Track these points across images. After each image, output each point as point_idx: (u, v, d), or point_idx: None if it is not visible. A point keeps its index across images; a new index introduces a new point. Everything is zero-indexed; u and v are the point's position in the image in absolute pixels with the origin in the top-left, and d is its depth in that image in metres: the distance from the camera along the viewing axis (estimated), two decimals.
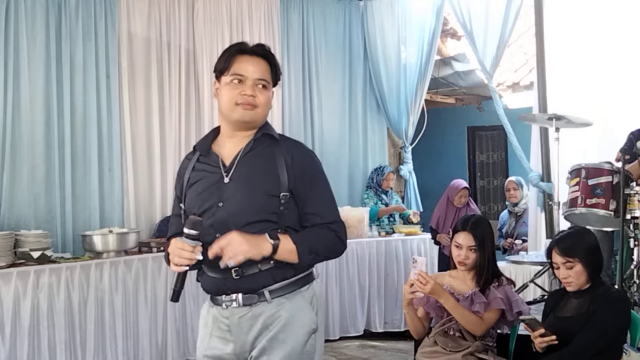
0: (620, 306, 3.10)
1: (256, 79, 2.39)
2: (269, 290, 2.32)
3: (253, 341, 2.35)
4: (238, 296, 2.34)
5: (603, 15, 6.07)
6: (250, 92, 2.37)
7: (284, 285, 2.34)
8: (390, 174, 7.26)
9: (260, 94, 2.39)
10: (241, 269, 2.30)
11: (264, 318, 2.33)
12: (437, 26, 7.46)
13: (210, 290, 2.43)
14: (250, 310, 2.34)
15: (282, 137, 2.48)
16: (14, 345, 4.51)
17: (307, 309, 2.37)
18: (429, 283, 3.20)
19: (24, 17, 5.43)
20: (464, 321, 3.26)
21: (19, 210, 5.35)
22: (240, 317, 2.35)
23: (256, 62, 2.40)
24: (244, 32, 6.78)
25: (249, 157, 2.39)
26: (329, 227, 2.37)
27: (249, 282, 2.32)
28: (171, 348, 5.33)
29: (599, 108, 5.93)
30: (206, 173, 2.42)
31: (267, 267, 2.31)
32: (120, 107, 5.94)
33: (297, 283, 2.36)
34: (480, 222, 3.51)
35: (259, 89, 2.39)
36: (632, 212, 4.28)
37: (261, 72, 2.40)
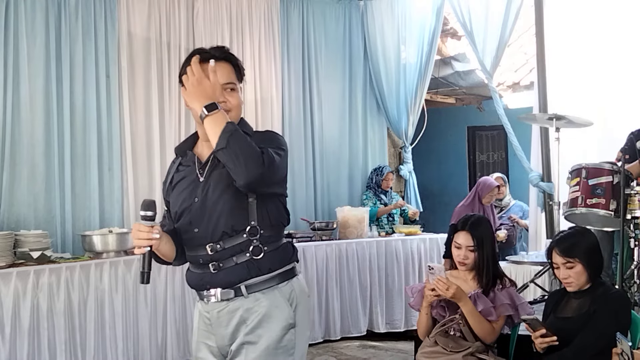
0: (620, 306, 3.09)
1: (223, 83, 2.42)
2: (245, 285, 2.38)
3: (231, 335, 2.42)
4: (217, 291, 2.42)
5: (603, 15, 6.07)
6: (221, 99, 2.39)
7: (261, 281, 2.39)
8: (389, 174, 7.24)
9: (230, 97, 2.44)
10: (217, 262, 2.39)
11: (241, 313, 2.39)
12: (437, 26, 7.46)
13: (194, 286, 2.51)
14: (227, 305, 2.41)
15: (256, 133, 2.50)
16: (13, 345, 4.50)
17: (283, 304, 2.40)
18: (451, 287, 3.22)
19: (23, 17, 5.42)
20: (478, 328, 3.26)
21: (18, 210, 5.35)
22: (219, 311, 2.43)
23: (221, 67, 2.43)
24: (244, 32, 6.77)
25: None
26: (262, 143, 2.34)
27: (226, 276, 2.39)
28: (171, 348, 5.33)
29: (599, 108, 5.93)
30: (186, 173, 2.51)
31: (243, 259, 2.38)
32: (120, 107, 5.93)
33: (274, 279, 2.41)
34: (480, 222, 3.50)
35: (229, 92, 2.44)
36: (633, 212, 4.28)
37: (227, 76, 2.44)
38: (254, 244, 2.38)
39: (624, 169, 4.32)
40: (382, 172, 7.25)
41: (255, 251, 2.38)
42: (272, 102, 6.93)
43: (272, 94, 6.91)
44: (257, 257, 2.38)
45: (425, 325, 3.43)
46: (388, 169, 7.32)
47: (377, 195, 7.20)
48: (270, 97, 6.90)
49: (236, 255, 2.38)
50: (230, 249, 2.38)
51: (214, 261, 2.39)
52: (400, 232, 6.92)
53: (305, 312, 2.49)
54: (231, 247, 2.38)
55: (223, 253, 2.38)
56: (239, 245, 2.38)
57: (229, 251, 2.38)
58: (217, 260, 2.39)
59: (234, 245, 2.38)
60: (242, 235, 2.37)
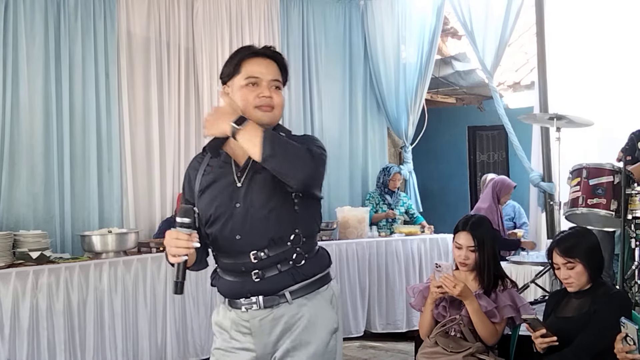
0: (621, 307, 3.08)
1: (270, 80, 2.40)
2: (290, 291, 2.32)
3: (275, 343, 2.35)
4: (259, 298, 2.33)
5: (604, 15, 6.07)
6: (267, 94, 2.36)
7: (304, 286, 2.34)
8: (396, 175, 7.23)
9: (275, 95, 2.39)
10: (261, 271, 2.31)
11: (286, 319, 2.33)
12: (437, 25, 7.45)
13: (229, 294, 2.41)
14: (271, 312, 2.33)
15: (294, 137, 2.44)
16: (13, 345, 4.49)
17: (327, 308, 2.37)
18: (458, 285, 3.21)
19: (22, 17, 5.41)
20: (481, 328, 3.25)
21: (17, 211, 5.34)
22: (262, 319, 2.34)
23: (267, 63, 2.42)
24: (244, 32, 6.77)
25: None
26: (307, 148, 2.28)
27: (270, 284, 2.32)
28: (171, 348, 5.31)
29: (599, 108, 5.92)
30: (219, 176, 2.40)
31: (287, 267, 2.32)
32: (119, 107, 5.92)
33: (316, 283, 2.37)
34: (481, 223, 3.50)
35: (274, 90, 2.40)
36: (633, 212, 4.27)
37: (274, 73, 2.42)
38: (297, 252, 2.32)
39: (625, 169, 4.31)
40: (389, 172, 7.24)
41: (298, 259, 2.32)
42: None
43: None
44: (299, 264, 2.33)
45: (429, 324, 3.43)
46: (396, 169, 7.31)
47: (381, 196, 7.19)
48: None
49: (280, 263, 2.31)
50: (275, 257, 2.31)
51: (257, 269, 2.31)
52: (401, 232, 6.91)
53: (341, 315, 2.47)
54: (276, 255, 2.31)
55: (267, 261, 2.31)
56: (284, 253, 2.31)
57: (274, 259, 2.31)
58: (261, 269, 2.31)
59: (278, 253, 2.31)
60: (287, 244, 2.31)
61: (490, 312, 3.27)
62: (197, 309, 5.47)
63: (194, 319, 5.44)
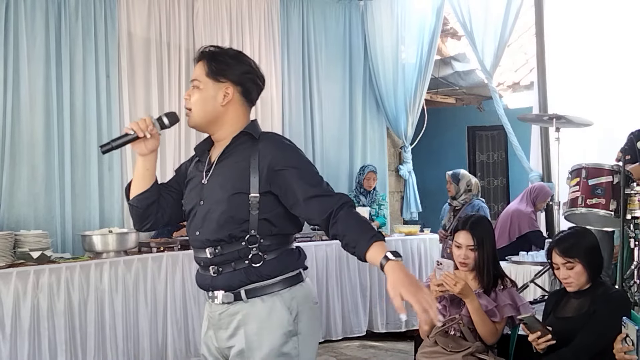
0: (620, 306, 3.09)
1: (191, 81, 2.47)
2: (245, 289, 2.37)
3: (228, 338, 2.41)
4: (219, 293, 2.42)
5: (603, 15, 6.08)
6: (185, 96, 2.46)
7: (261, 287, 2.37)
8: (370, 174, 7.01)
9: (192, 95, 2.43)
10: (217, 266, 2.39)
11: (240, 317, 2.38)
12: (437, 26, 7.46)
13: (199, 285, 2.52)
14: (228, 308, 2.40)
15: (263, 135, 2.46)
16: (14, 345, 4.50)
17: (282, 310, 2.36)
18: (459, 283, 3.22)
19: (23, 17, 5.42)
20: (482, 327, 3.25)
21: (18, 210, 5.35)
22: (220, 313, 2.43)
23: (196, 66, 2.46)
24: (244, 32, 6.77)
25: (226, 157, 2.44)
26: (345, 205, 2.28)
27: (226, 280, 2.39)
28: (171, 348, 5.32)
29: (599, 108, 5.93)
30: (196, 173, 2.51)
31: (242, 266, 2.37)
32: (120, 107, 5.93)
33: (275, 285, 2.38)
34: (481, 222, 3.51)
35: (193, 90, 2.44)
36: (633, 212, 4.27)
37: (195, 74, 2.44)
38: (252, 252, 2.35)
39: (624, 169, 4.32)
40: (363, 171, 7.08)
41: (255, 259, 2.35)
42: (272, 102, 6.93)
43: (272, 93, 6.91)
44: (256, 264, 2.35)
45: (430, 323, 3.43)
46: (370, 168, 7.11)
47: (356, 197, 7.01)
48: (270, 97, 6.90)
49: (235, 262, 2.37)
50: (229, 254, 2.37)
51: (213, 265, 2.40)
52: (400, 232, 6.92)
53: (311, 319, 2.43)
54: (229, 252, 2.37)
55: (221, 258, 2.38)
56: (237, 252, 2.36)
57: (228, 256, 2.37)
58: (217, 264, 2.39)
59: (232, 251, 2.37)
60: (241, 243, 2.36)
61: (490, 311, 3.28)
62: (197, 309, 5.47)
63: (194, 318, 5.44)
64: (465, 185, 6.17)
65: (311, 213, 2.31)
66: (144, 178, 2.51)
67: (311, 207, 2.30)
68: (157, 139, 2.46)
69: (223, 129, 2.44)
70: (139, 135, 2.40)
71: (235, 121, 2.44)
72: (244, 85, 2.44)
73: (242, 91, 2.44)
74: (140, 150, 2.45)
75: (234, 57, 2.46)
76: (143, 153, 2.46)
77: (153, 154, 2.47)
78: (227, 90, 2.41)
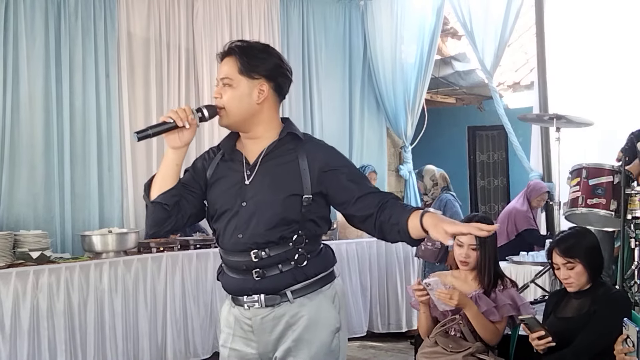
0: (620, 307, 3.09)
1: (220, 78, 2.36)
2: (291, 290, 2.32)
3: (276, 342, 2.35)
4: (260, 297, 2.33)
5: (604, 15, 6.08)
6: (215, 94, 2.36)
7: (306, 285, 2.33)
8: (371, 174, 6.91)
9: (224, 94, 2.33)
10: (262, 270, 2.31)
11: (287, 318, 2.33)
12: (437, 26, 7.45)
13: (232, 291, 2.42)
14: (272, 311, 2.33)
15: (307, 137, 2.44)
16: (14, 346, 4.49)
17: (329, 307, 2.36)
18: (454, 296, 3.20)
19: (23, 17, 5.41)
20: (483, 331, 3.25)
21: (18, 210, 5.34)
22: (263, 317, 2.34)
23: (223, 62, 2.37)
24: (244, 31, 6.76)
25: (271, 158, 2.36)
26: (392, 198, 2.32)
27: (271, 283, 2.31)
28: (171, 348, 5.31)
29: (599, 108, 5.92)
30: (229, 172, 2.39)
31: (288, 267, 2.31)
32: (119, 107, 5.93)
33: (318, 282, 2.36)
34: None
35: (223, 88, 2.34)
36: (633, 212, 4.26)
37: (224, 71, 2.34)
38: (299, 252, 2.31)
39: (625, 168, 4.32)
40: (364, 171, 7.00)
41: (300, 259, 2.32)
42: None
43: None
44: (302, 264, 2.32)
45: (425, 324, 3.43)
46: (371, 168, 7.02)
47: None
48: None
49: (282, 263, 2.31)
50: (277, 256, 2.31)
51: (257, 268, 2.30)
52: None
53: (346, 314, 2.45)
54: (277, 255, 2.30)
55: (268, 261, 2.30)
56: (285, 253, 2.31)
57: (275, 259, 2.30)
58: (262, 268, 2.30)
59: (279, 253, 2.30)
60: (288, 244, 2.31)
61: (490, 311, 3.28)
62: (197, 309, 5.47)
63: (194, 318, 5.44)
64: (430, 180, 6.14)
65: (364, 208, 2.30)
66: (173, 174, 2.34)
67: (367, 202, 2.30)
68: (194, 131, 2.29)
69: (259, 127, 2.36)
70: (178, 124, 2.25)
71: (271, 119, 2.38)
72: (277, 80, 2.37)
73: (275, 86, 2.36)
74: (174, 142, 2.30)
75: (264, 51, 2.39)
76: (176, 145, 2.30)
77: (185, 147, 2.31)
78: (261, 87, 2.33)
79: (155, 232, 2.44)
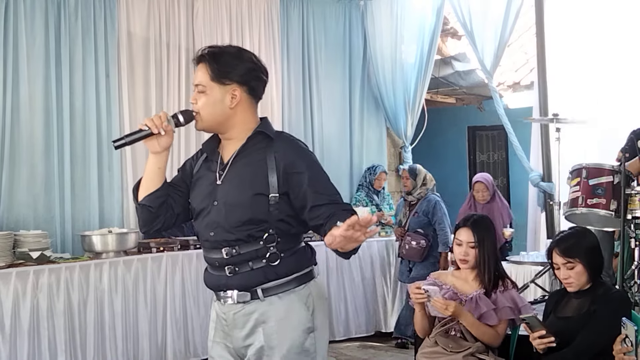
0: (620, 306, 3.08)
1: (194, 85, 2.42)
2: (262, 288, 2.36)
3: (245, 337, 2.39)
4: (233, 293, 2.39)
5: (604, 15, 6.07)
6: (191, 100, 2.42)
7: (278, 285, 2.36)
8: (382, 174, 7.13)
9: (198, 100, 2.40)
10: (234, 266, 2.36)
11: (257, 316, 2.37)
12: (437, 26, 7.45)
13: (210, 286, 2.49)
14: (243, 308, 2.38)
15: (278, 135, 2.46)
16: (14, 345, 4.50)
17: (300, 308, 2.38)
18: (449, 306, 3.23)
19: (23, 17, 5.41)
20: (483, 336, 3.27)
21: (18, 210, 5.34)
22: (235, 313, 2.40)
23: (197, 69, 2.42)
24: (244, 32, 6.77)
25: (240, 158, 2.41)
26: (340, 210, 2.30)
27: (242, 280, 2.37)
28: (171, 348, 5.32)
29: (599, 108, 5.92)
30: (207, 172, 2.46)
31: (259, 265, 2.35)
32: (119, 107, 5.93)
33: (291, 282, 2.38)
34: (482, 220, 3.53)
35: (198, 94, 2.40)
36: (633, 212, 4.26)
37: (197, 78, 2.40)
38: (270, 251, 2.34)
39: (625, 168, 4.31)
40: (375, 171, 7.17)
41: (272, 258, 2.35)
42: (272, 102, 6.92)
43: (272, 93, 6.90)
44: (274, 263, 2.34)
45: (421, 322, 3.44)
46: (381, 168, 7.24)
47: (369, 196, 7.08)
48: (270, 97, 6.89)
49: (252, 261, 2.35)
50: (247, 254, 2.35)
51: (229, 265, 2.37)
52: None
53: (324, 315, 2.46)
54: (247, 252, 2.35)
55: (239, 258, 2.35)
56: (255, 251, 2.34)
57: (245, 256, 2.35)
58: (233, 264, 2.36)
59: (250, 251, 2.35)
60: (259, 243, 2.34)
61: (488, 314, 3.28)
62: (197, 309, 5.47)
63: (194, 318, 5.44)
64: (422, 180, 6.22)
65: (316, 218, 2.32)
66: (156, 177, 2.47)
67: (319, 212, 2.31)
68: (171, 136, 2.41)
69: (234, 129, 2.43)
70: (154, 131, 2.36)
71: (246, 120, 2.43)
72: (250, 84, 2.41)
73: (248, 90, 2.41)
74: (153, 147, 2.42)
75: (236, 56, 2.43)
76: (156, 150, 2.42)
77: (165, 152, 2.43)
78: (234, 92, 2.39)
79: (146, 231, 2.56)
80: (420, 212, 6.11)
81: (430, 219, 6.08)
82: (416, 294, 3.29)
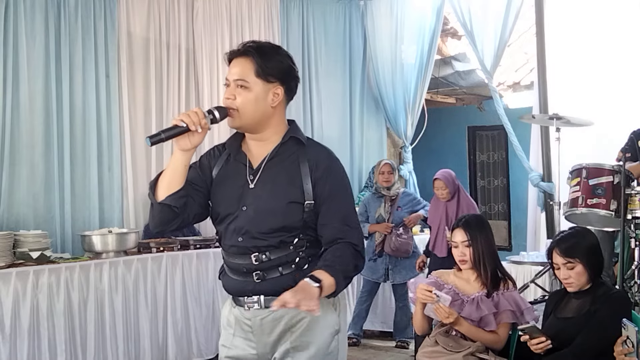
0: (621, 307, 3.09)
1: (233, 80, 2.31)
2: None
3: (274, 343, 2.36)
4: (260, 298, 2.34)
5: (604, 15, 6.07)
6: (228, 95, 2.30)
7: None
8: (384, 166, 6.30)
9: (238, 96, 2.29)
10: (263, 272, 2.31)
11: (286, 320, 2.33)
12: (437, 26, 7.45)
13: (232, 291, 2.43)
14: (272, 312, 2.32)
15: (310, 142, 2.43)
16: (14, 346, 4.50)
17: (329, 310, 2.36)
18: (451, 316, 3.25)
19: (23, 17, 5.41)
20: (484, 341, 3.29)
21: (18, 210, 5.34)
22: (262, 318, 2.35)
23: (236, 62, 2.32)
24: (244, 31, 6.76)
25: (274, 163, 2.35)
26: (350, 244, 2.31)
27: (271, 285, 2.31)
28: (172, 349, 5.32)
29: (599, 108, 5.91)
30: (233, 174, 2.39)
31: (289, 270, 2.32)
32: (119, 107, 5.93)
33: None
34: (474, 219, 3.60)
35: (238, 90, 2.30)
36: (633, 212, 4.27)
37: (238, 72, 2.30)
38: (300, 255, 2.32)
39: (625, 168, 4.32)
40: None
41: (301, 263, 2.32)
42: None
43: None
44: (303, 268, 2.32)
45: (420, 320, 3.45)
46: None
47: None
48: None
49: (282, 266, 2.31)
50: (277, 259, 2.31)
51: (258, 270, 2.31)
52: None
53: (345, 316, 2.46)
54: (277, 258, 2.31)
55: (268, 264, 2.31)
56: (286, 256, 2.31)
57: (275, 262, 2.31)
58: (262, 270, 2.31)
59: (280, 256, 2.31)
60: (289, 248, 2.31)
61: (487, 318, 3.29)
62: (199, 309, 5.47)
63: (196, 318, 5.44)
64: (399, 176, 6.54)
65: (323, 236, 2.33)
66: (181, 176, 2.30)
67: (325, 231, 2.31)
68: (205, 133, 2.26)
69: (268, 129, 2.36)
70: (191, 128, 2.21)
71: (280, 122, 2.38)
72: (289, 84, 2.36)
73: (286, 89, 2.36)
74: (184, 145, 2.26)
75: (278, 53, 2.36)
76: (186, 148, 2.26)
77: (193, 149, 2.28)
78: (276, 90, 2.32)
79: (160, 231, 2.41)
80: (402, 206, 6.23)
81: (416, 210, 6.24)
82: (425, 295, 3.29)
